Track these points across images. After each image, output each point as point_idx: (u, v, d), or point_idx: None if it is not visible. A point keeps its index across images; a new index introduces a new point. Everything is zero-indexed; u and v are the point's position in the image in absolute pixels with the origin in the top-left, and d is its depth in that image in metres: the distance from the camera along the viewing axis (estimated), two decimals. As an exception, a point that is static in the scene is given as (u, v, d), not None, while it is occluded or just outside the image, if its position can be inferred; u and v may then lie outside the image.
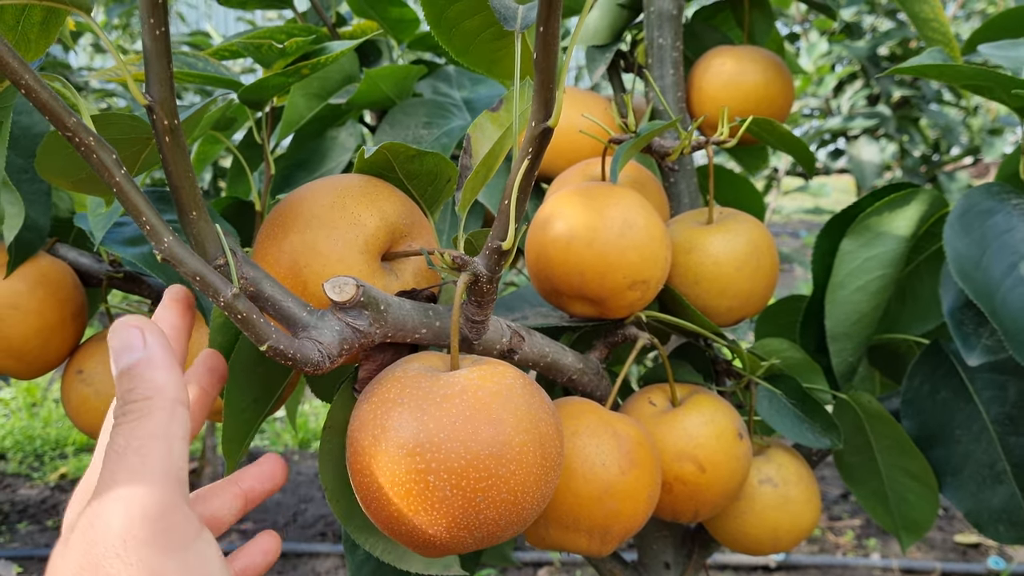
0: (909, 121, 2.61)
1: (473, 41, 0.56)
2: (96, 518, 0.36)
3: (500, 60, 0.58)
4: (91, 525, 0.36)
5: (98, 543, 0.35)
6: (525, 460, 0.47)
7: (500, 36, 0.57)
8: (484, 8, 0.55)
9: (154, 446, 0.39)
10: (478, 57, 0.58)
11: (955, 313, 0.72)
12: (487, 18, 0.56)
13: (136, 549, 0.35)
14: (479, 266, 0.51)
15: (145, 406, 0.40)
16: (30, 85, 0.40)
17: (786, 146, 0.85)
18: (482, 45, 0.57)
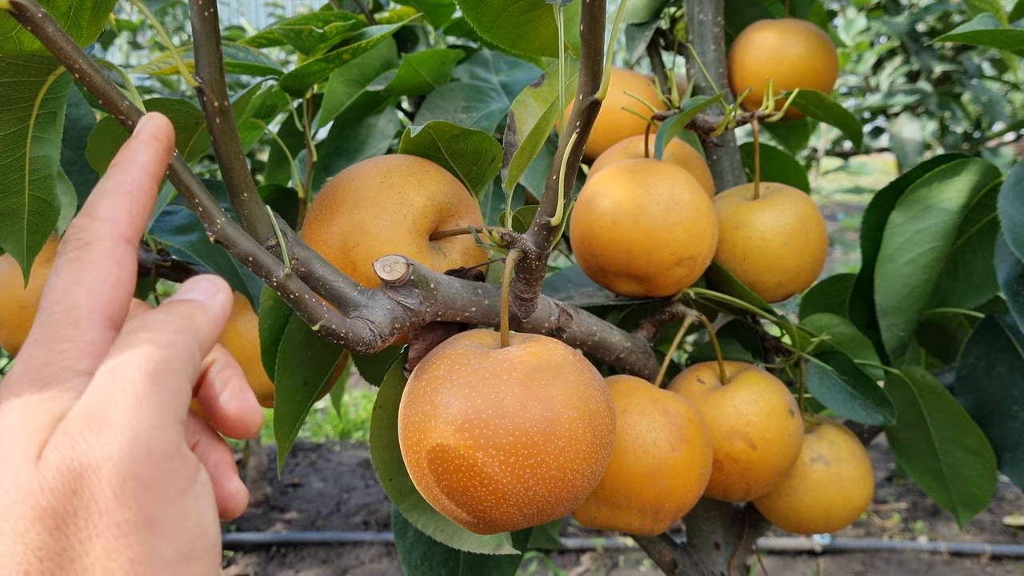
0: (951, 97, 2.56)
1: (500, 16, 0.56)
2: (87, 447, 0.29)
3: (525, 35, 0.57)
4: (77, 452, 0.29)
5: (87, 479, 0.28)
6: (574, 437, 0.47)
7: (527, 10, 0.56)
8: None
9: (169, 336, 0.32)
10: (503, 32, 0.57)
11: (1011, 284, 0.70)
12: None
13: (135, 493, 0.29)
14: (528, 243, 0.51)
15: None
16: (84, 70, 0.40)
17: (833, 118, 0.84)
18: (508, 20, 0.56)
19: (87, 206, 0.35)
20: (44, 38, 0.39)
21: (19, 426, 0.29)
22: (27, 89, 0.49)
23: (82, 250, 0.33)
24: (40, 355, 0.31)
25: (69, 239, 0.34)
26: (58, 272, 0.33)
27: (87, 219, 0.34)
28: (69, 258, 0.33)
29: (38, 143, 0.53)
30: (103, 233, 0.34)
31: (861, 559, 2.38)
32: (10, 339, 0.79)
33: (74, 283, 0.33)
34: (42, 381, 0.31)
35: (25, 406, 0.30)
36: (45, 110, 0.51)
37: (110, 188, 0.35)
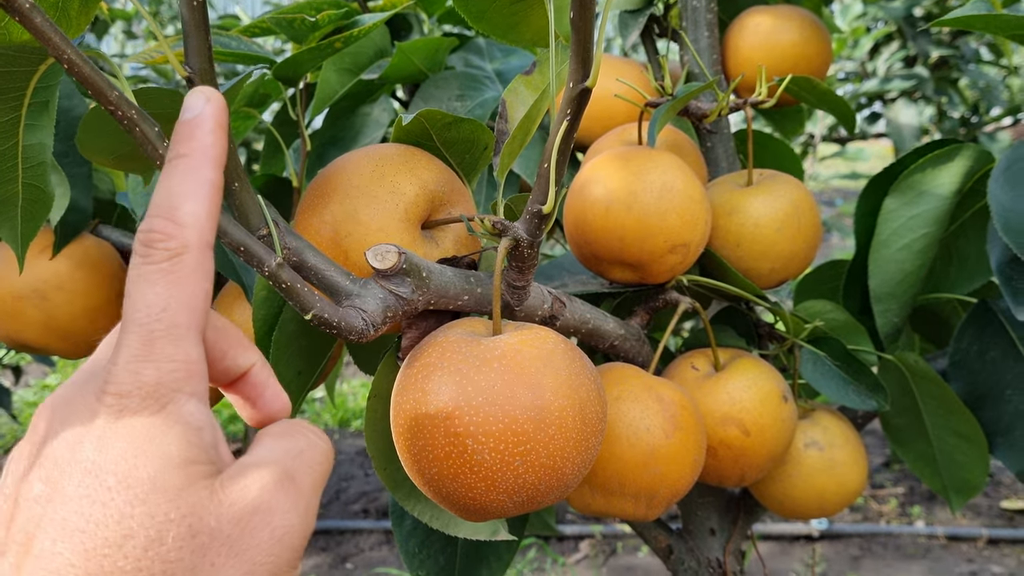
0: (948, 82, 2.56)
1: (490, 6, 0.55)
2: (272, 499, 0.32)
3: (516, 25, 0.57)
4: (263, 497, 0.32)
5: (256, 522, 0.32)
6: (564, 425, 0.47)
7: (517, 0, 0.56)
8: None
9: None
10: (494, 22, 0.57)
11: (1004, 268, 0.70)
12: None
13: (282, 555, 0.32)
14: (520, 231, 0.51)
15: None
16: (72, 60, 0.40)
17: (827, 104, 0.84)
18: (499, 9, 0.56)
19: (165, 206, 0.34)
20: (32, 28, 0.39)
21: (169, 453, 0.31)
22: (18, 79, 0.49)
23: (175, 262, 0.33)
24: (150, 373, 0.32)
25: (155, 244, 0.33)
26: (152, 283, 0.33)
27: (172, 225, 0.33)
28: (162, 269, 0.33)
29: (31, 131, 0.53)
30: (192, 243, 0.33)
31: (858, 544, 2.39)
32: (6, 329, 0.80)
33: (172, 298, 0.32)
34: (158, 403, 0.32)
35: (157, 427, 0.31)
36: (37, 99, 0.51)
37: (190, 190, 0.34)
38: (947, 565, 2.27)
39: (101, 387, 0.32)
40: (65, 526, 0.29)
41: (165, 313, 0.32)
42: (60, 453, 0.31)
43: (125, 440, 0.31)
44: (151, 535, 0.30)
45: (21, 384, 3.69)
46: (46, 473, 0.31)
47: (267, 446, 0.35)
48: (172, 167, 0.35)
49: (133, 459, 0.30)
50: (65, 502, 0.30)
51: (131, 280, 0.33)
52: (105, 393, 0.32)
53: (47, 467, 0.31)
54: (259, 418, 0.40)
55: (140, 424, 0.31)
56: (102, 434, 0.31)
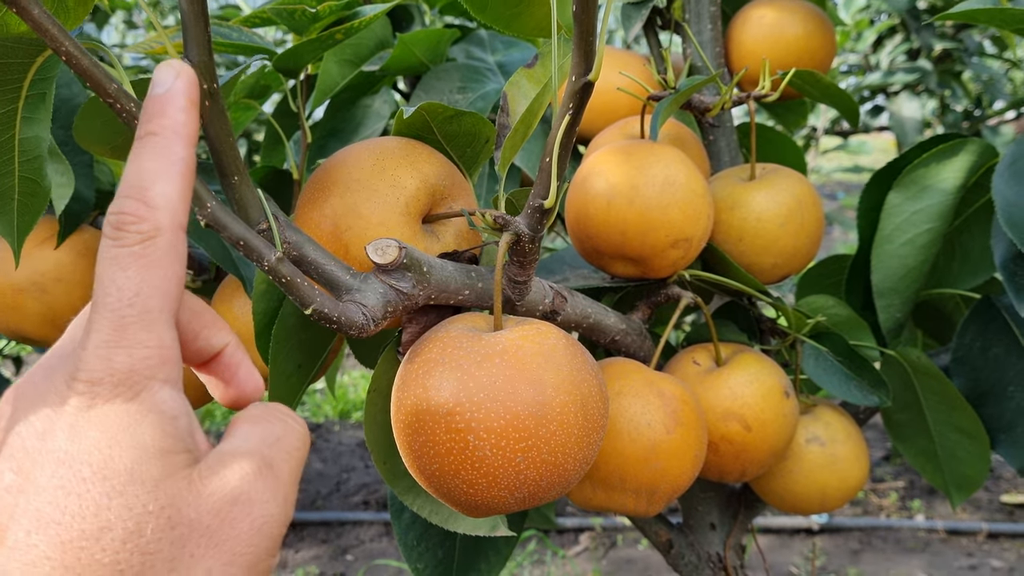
0: (951, 75, 2.54)
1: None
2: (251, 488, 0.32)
3: (519, 16, 0.57)
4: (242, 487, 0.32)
5: (236, 512, 0.31)
6: (566, 421, 0.46)
7: None
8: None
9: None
10: (497, 13, 0.56)
11: (1007, 264, 0.70)
12: None
13: (263, 543, 0.32)
14: (521, 225, 0.50)
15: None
16: (70, 52, 0.40)
17: (830, 98, 0.83)
18: (502, 1, 0.56)
19: (135, 186, 0.33)
20: (30, 20, 0.39)
21: (144, 443, 0.30)
22: (15, 71, 0.48)
23: (147, 245, 0.32)
24: (122, 359, 0.31)
25: (126, 227, 0.32)
26: (123, 267, 0.32)
27: (143, 206, 0.33)
28: (134, 252, 0.32)
29: (27, 124, 0.53)
30: (164, 225, 0.33)
31: (858, 537, 2.39)
32: (6, 321, 0.79)
33: (144, 283, 0.32)
34: (131, 390, 0.31)
35: (131, 416, 0.31)
36: (34, 91, 0.51)
37: (161, 168, 0.33)
38: (947, 559, 2.27)
39: (71, 373, 0.31)
40: (39, 517, 0.29)
41: (137, 298, 0.32)
42: (30, 442, 0.30)
43: (98, 429, 0.30)
44: (129, 527, 0.29)
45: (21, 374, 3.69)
46: (16, 463, 0.30)
47: (244, 433, 0.34)
48: (142, 145, 0.34)
49: (108, 449, 0.30)
50: (38, 492, 0.29)
51: (101, 263, 0.32)
52: (76, 380, 0.31)
53: (17, 456, 0.30)
54: (233, 397, 0.39)
55: (113, 412, 0.30)
56: (74, 422, 0.30)
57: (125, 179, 0.33)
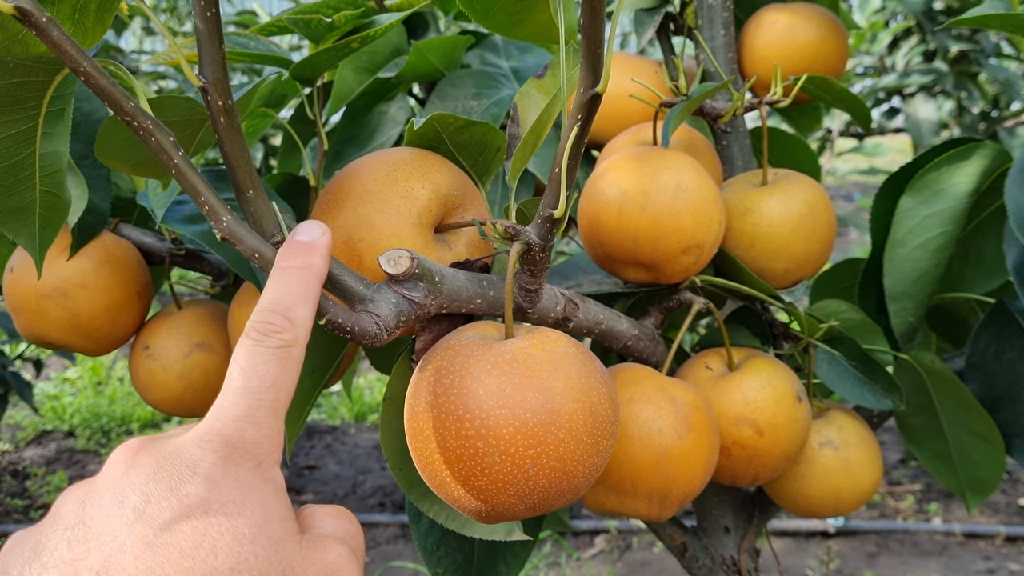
0: (967, 76, 2.53)
1: (496, 4, 0.56)
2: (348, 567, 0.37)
3: (521, 22, 0.57)
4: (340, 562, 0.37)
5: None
6: (575, 428, 0.47)
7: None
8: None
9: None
10: (499, 19, 0.57)
11: (1020, 268, 0.70)
12: None
13: None
14: (531, 235, 0.51)
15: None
16: (89, 72, 0.41)
17: (843, 104, 0.83)
18: (504, 7, 0.56)
19: (281, 304, 0.40)
20: (49, 42, 0.40)
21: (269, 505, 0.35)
22: (35, 89, 0.49)
23: (287, 351, 0.39)
24: (253, 434, 0.36)
25: (273, 333, 0.39)
26: (266, 362, 0.38)
27: (288, 322, 0.39)
28: (277, 354, 0.38)
29: (47, 139, 0.54)
30: (301, 340, 0.39)
31: (875, 541, 2.38)
32: (28, 326, 0.81)
33: (279, 379, 0.38)
34: (255, 460, 0.36)
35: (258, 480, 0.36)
36: (54, 108, 0.52)
37: (303, 296, 0.41)
38: (964, 562, 2.26)
39: (202, 437, 0.35)
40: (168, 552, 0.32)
41: (272, 388, 0.37)
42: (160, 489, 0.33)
43: (233, 485, 0.34)
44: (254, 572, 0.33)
45: (42, 377, 3.73)
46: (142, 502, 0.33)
47: (332, 523, 0.39)
48: (288, 274, 0.41)
49: (242, 503, 0.34)
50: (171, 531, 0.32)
51: (244, 355, 0.38)
52: (210, 442, 0.35)
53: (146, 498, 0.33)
54: None
55: (245, 473, 0.35)
56: (209, 474, 0.34)
57: (270, 296, 0.40)
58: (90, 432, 3.31)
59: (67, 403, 3.52)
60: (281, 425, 0.38)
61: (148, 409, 3.41)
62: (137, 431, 3.30)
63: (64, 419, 3.39)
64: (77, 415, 3.41)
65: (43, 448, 3.20)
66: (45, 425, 3.37)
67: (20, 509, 2.73)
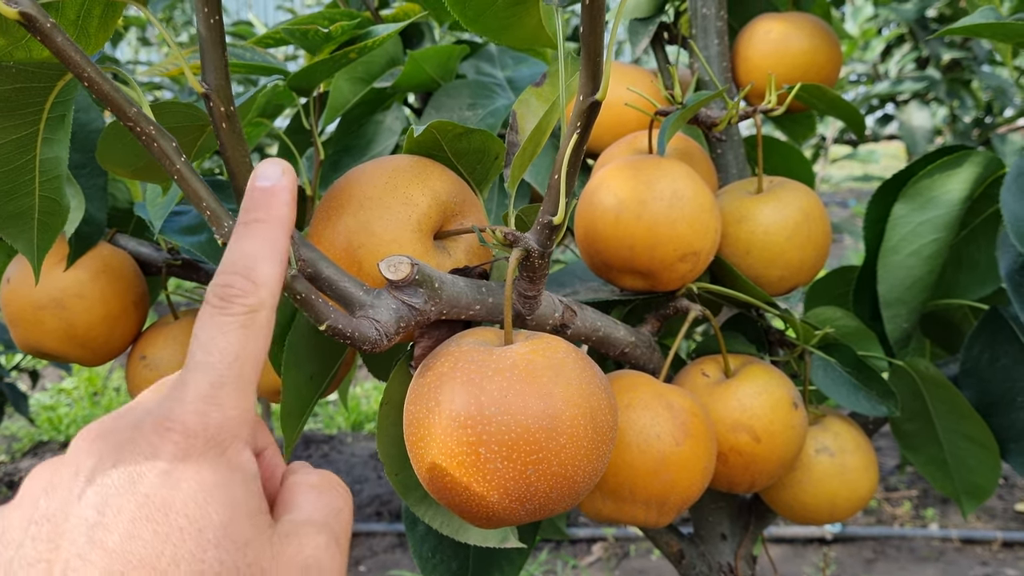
0: (960, 84, 2.55)
1: (487, 9, 0.56)
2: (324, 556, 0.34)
3: (511, 27, 0.57)
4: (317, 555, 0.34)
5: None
6: (576, 433, 0.47)
7: (514, 3, 0.56)
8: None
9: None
10: (488, 24, 0.57)
11: (1013, 275, 0.70)
12: None
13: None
14: (531, 241, 0.51)
15: None
16: (92, 78, 0.41)
17: (836, 111, 0.84)
18: (495, 13, 0.57)
19: (242, 264, 0.36)
20: (53, 48, 0.40)
21: (236, 501, 0.32)
22: (37, 94, 0.50)
23: (250, 316, 0.35)
24: (216, 417, 0.33)
25: (233, 298, 0.35)
26: (226, 332, 0.34)
27: (250, 283, 0.36)
28: (239, 321, 0.35)
29: (48, 145, 0.54)
30: (266, 302, 0.36)
31: (872, 547, 2.38)
32: (25, 336, 0.81)
33: (244, 350, 0.34)
34: (219, 447, 0.33)
35: (223, 472, 0.33)
36: (54, 113, 0.52)
37: (267, 253, 0.36)
38: (961, 568, 2.26)
39: (162, 423, 0.33)
40: (128, 559, 0.30)
41: (236, 362, 0.34)
42: (118, 484, 0.31)
43: (195, 482, 0.32)
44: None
45: (38, 388, 3.72)
46: (101, 500, 0.31)
47: (311, 501, 0.36)
48: (249, 230, 0.37)
49: (204, 503, 0.31)
50: (131, 537, 0.30)
51: (204, 327, 0.35)
52: (170, 430, 0.32)
53: (104, 496, 0.31)
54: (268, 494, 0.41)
55: (208, 466, 0.32)
56: (169, 469, 0.32)
57: (230, 257, 0.36)
58: (85, 443, 3.29)
59: (63, 414, 3.51)
60: (250, 401, 0.35)
61: (143, 419, 3.39)
62: (132, 442, 3.29)
63: (60, 430, 3.38)
64: (73, 426, 3.40)
65: (39, 459, 3.18)
66: (41, 436, 3.36)
67: (14, 520, 2.71)
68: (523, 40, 0.59)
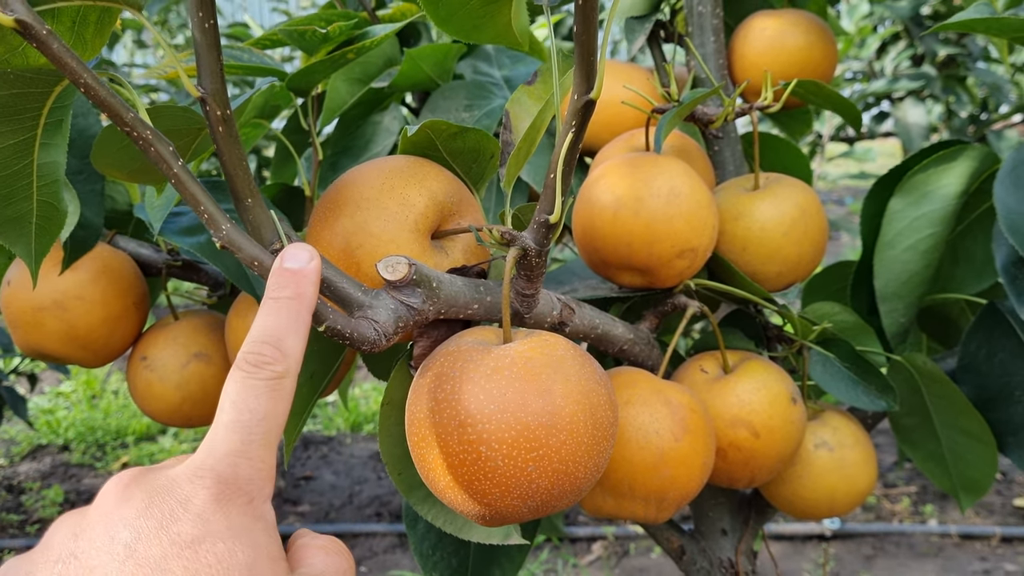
0: (955, 80, 2.55)
1: (460, 9, 0.56)
2: None
3: (483, 25, 0.57)
4: None
5: None
6: (576, 430, 0.48)
7: (488, 2, 0.56)
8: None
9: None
10: (461, 23, 0.57)
11: (1009, 268, 0.71)
12: None
13: None
14: (527, 240, 0.51)
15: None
16: (89, 84, 0.41)
17: (833, 106, 0.84)
18: (469, 12, 0.56)
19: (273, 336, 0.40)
20: (49, 54, 0.40)
21: (259, 545, 0.35)
22: (35, 99, 0.50)
23: (278, 382, 0.38)
24: (246, 469, 0.36)
25: (264, 364, 0.38)
26: (257, 394, 0.38)
27: (279, 353, 0.39)
28: (268, 385, 0.38)
29: (45, 150, 0.54)
30: (292, 371, 0.39)
31: (871, 543, 2.39)
32: (26, 339, 0.81)
33: (271, 411, 0.38)
34: (247, 496, 0.36)
35: (249, 519, 0.35)
36: (52, 119, 0.52)
37: (294, 327, 0.40)
38: (960, 564, 2.27)
39: (195, 472, 0.35)
40: None
41: (264, 421, 0.37)
42: (151, 524, 0.33)
43: (224, 524, 0.34)
44: None
45: (36, 391, 3.72)
46: (133, 538, 0.33)
47: (322, 560, 0.39)
48: (279, 305, 0.41)
49: (232, 543, 0.34)
50: (162, 571, 0.32)
51: (235, 388, 0.38)
52: (203, 478, 0.35)
53: (137, 534, 0.33)
54: None
55: (236, 512, 0.35)
56: (200, 514, 0.34)
57: (261, 327, 0.40)
58: (85, 446, 3.30)
59: (62, 417, 3.51)
60: (273, 458, 0.37)
61: (143, 422, 3.40)
62: (132, 444, 3.30)
63: (59, 433, 3.38)
64: (72, 429, 3.40)
65: (38, 463, 3.19)
66: (40, 439, 3.36)
67: (15, 524, 2.71)
68: (491, 38, 0.59)
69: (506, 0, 0.55)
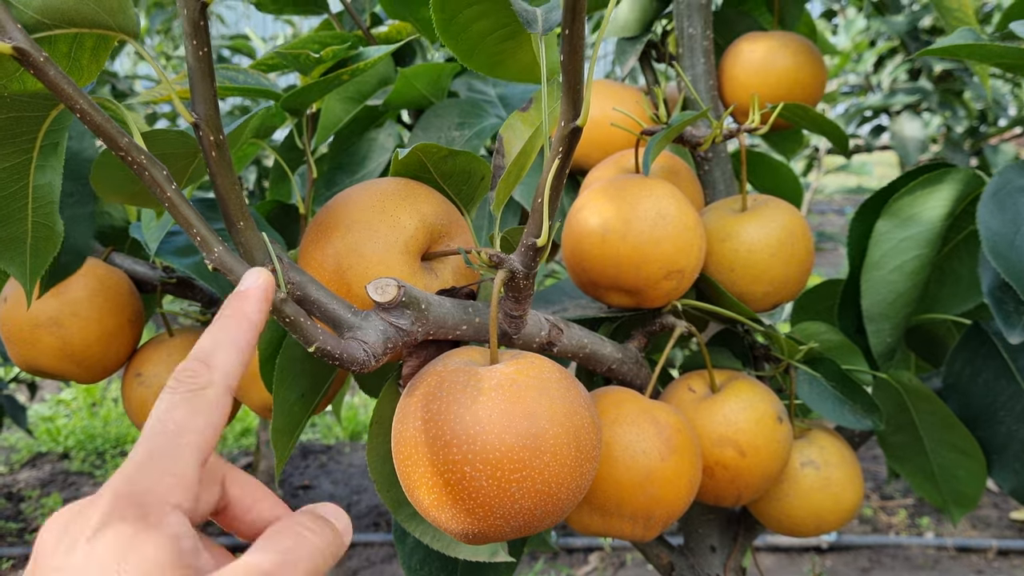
0: (952, 94, 2.56)
1: (480, 43, 0.57)
2: None
3: (503, 62, 0.59)
4: None
5: None
6: (559, 452, 0.48)
7: (507, 38, 0.58)
8: (494, 12, 0.56)
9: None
10: (482, 60, 0.59)
11: (994, 292, 0.72)
12: (496, 21, 0.57)
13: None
14: (515, 263, 0.52)
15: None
16: (84, 110, 0.42)
17: (819, 128, 0.85)
18: (487, 48, 0.58)
19: (201, 351, 0.40)
20: (46, 81, 0.41)
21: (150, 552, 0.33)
22: (31, 123, 0.51)
23: (196, 393, 0.38)
24: (144, 481, 0.35)
25: (183, 378, 0.38)
26: (172, 408, 0.37)
27: (203, 366, 0.39)
28: (185, 397, 0.38)
29: (41, 172, 0.55)
30: (217, 382, 0.39)
31: (868, 555, 2.39)
32: (22, 355, 0.82)
33: (186, 423, 0.37)
34: (142, 509, 0.34)
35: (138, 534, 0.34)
36: (48, 141, 0.53)
37: (225, 341, 0.40)
38: (956, 577, 2.27)
39: (99, 493, 0.35)
40: None
41: (175, 434, 0.36)
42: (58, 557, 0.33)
43: (111, 546, 0.33)
44: None
45: (36, 399, 3.73)
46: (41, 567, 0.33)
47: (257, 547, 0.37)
48: (216, 324, 0.41)
49: (116, 565, 0.32)
50: None
51: (157, 406, 0.38)
52: (101, 495, 0.34)
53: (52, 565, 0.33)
54: None
55: (124, 529, 0.33)
56: (91, 536, 0.33)
57: (196, 347, 0.40)
58: (84, 454, 3.30)
59: (61, 425, 3.51)
60: (190, 469, 0.36)
61: (142, 432, 3.40)
62: (130, 453, 3.29)
63: (59, 441, 3.39)
64: (72, 437, 3.41)
65: (38, 470, 3.19)
66: (40, 447, 3.36)
67: (15, 532, 2.72)
68: (517, 74, 0.61)
69: (524, 38, 0.56)
